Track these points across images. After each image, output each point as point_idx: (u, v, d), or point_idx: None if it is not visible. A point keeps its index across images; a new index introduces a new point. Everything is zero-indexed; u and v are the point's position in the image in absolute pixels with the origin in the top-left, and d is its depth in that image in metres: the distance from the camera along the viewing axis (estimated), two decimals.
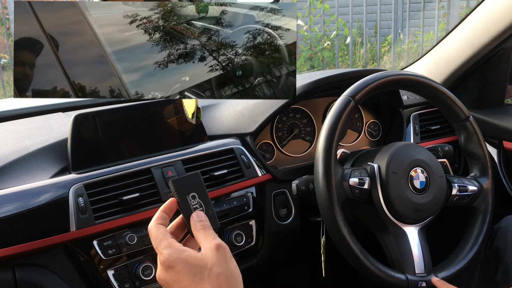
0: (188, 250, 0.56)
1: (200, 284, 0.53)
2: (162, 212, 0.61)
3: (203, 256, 0.55)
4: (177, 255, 0.55)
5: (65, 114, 1.19)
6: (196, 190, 0.62)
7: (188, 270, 0.54)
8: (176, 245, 0.57)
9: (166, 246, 0.56)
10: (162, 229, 0.59)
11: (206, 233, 0.58)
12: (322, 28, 4.45)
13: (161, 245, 0.57)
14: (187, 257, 0.55)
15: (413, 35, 5.08)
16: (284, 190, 1.13)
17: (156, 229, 0.59)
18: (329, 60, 4.56)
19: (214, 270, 0.53)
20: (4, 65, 4.89)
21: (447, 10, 4.39)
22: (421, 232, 0.95)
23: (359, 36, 5.37)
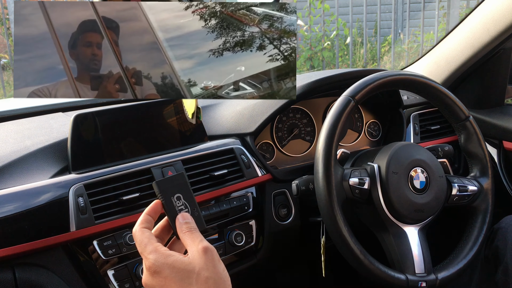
0: (175, 254, 0.55)
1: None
2: (146, 215, 0.60)
3: (190, 260, 0.53)
4: (163, 260, 0.54)
5: (65, 114, 1.19)
6: (181, 191, 0.61)
7: (176, 275, 0.52)
8: (162, 249, 0.55)
9: (151, 251, 0.55)
10: (147, 233, 0.57)
11: (192, 236, 0.56)
12: (322, 28, 4.45)
13: (146, 250, 0.55)
14: (173, 262, 0.53)
15: (413, 35, 5.08)
16: (284, 190, 1.13)
17: (140, 233, 0.57)
18: (329, 60, 4.55)
19: (202, 274, 0.52)
20: (4, 65, 4.89)
21: (447, 10, 4.38)
22: (421, 232, 0.95)
23: (359, 36, 5.37)
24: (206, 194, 0.99)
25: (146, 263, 0.55)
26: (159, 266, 0.53)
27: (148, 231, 0.58)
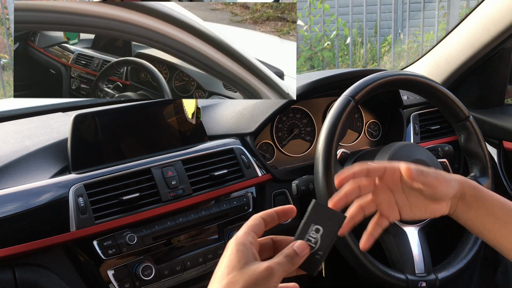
0: (248, 248, 0.51)
1: (223, 277, 0.49)
2: (275, 211, 0.56)
3: (251, 264, 0.50)
4: (235, 243, 0.51)
5: (65, 114, 1.19)
6: (326, 228, 0.53)
7: (228, 261, 0.50)
8: (247, 238, 0.52)
9: (240, 231, 0.53)
10: (256, 221, 0.54)
11: (282, 259, 0.51)
12: (322, 28, 4.45)
13: (241, 229, 0.53)
14: (238, 251, 0.50)
15: (413, 35, 5.08)
16: (284, 190, 1.13)
17: (252, 218, 0.55)
18: (329, 60, 4.56)
19: (238, 279, 0.49)
20: (4, 65, 4.89)
21: (447, 10, 4.38)
22: (421, 232, 0.96)
23: (359, 36, 5.37)
24: (206, 194, 0.99)
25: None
26: (230, 244, 0.52)
27: (260, 220, 0.55)
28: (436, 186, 0.62)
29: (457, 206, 0.65)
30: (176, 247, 0.96)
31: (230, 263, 0.50)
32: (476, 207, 0.64)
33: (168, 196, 0.94)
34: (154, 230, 0.92)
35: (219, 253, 1.00)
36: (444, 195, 0.63)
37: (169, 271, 0.94)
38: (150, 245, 0.92)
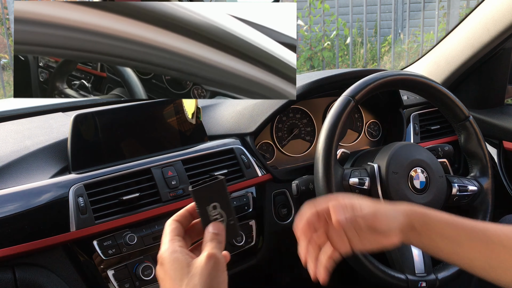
0: (182, 252, 0.53)
1: (183, 282, 0.50)
2: (186, 211, 0.59)
3: (193, 262, 0.52)
4: (168, 254, 0.53)
5: (65, 114, 1.19)
6: (218, 199, 0.57)
7: (173, 272, 0.52)
8: (175, 244, 0.54)
9: (165, 242, 0.55)
10: (174, 226, 0.56)
11: (211, 244, 0.54)
12: (322, 28, 4.45)
13: (163, 240, 0.56)
14: (175, 258, 0.52)
15: (413, 35, 5.08)
16: (284, 190, 1.13)
17: (168, 224, 0.57)
18: (329, 60, 4.55)
19: (193, 279, 0.50)
20: (4, 65, 4.89)
21: (447, 10, 4.38)
22: None
23: (359, 36, 5.37)
24: None
25: (158, 252, 0.55)
26: (164, 258, 0.53)
27: (177, 224, 0.57)
28: (376, 225, 0.63)
29: (408, 235, 0.65)
30: None
31: (176, 273, 0.51)
32: (428, 233, 0.65)
33: (168, 196, 0.94)
34: (154, 230, 0.92)
35: None
36: (387, 230, 0.64)
37: None
38: (150, 245, 0.92)
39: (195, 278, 0.50)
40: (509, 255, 0.63)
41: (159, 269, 0.54)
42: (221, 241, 0.55)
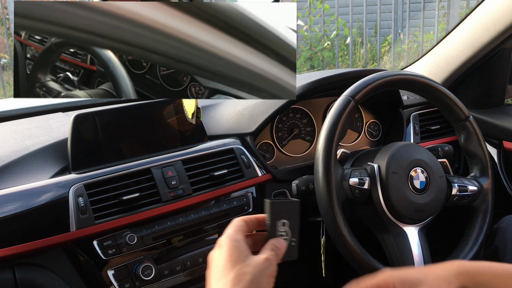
0: (242, 244, 0.56)
1: (229, 270, 0.53)
2: (255, 217, 0.61)
3: (250, 256, 0.55)
4: (230, 241, 0.56)
5: (65, 114, 1.19)
6: (289, 218, 0.60)
7: (229, 257, 0.54)
8: (238, 236, 0.57)
9: (229, 231, 0.58)
10: (240, 223, 0.59)
11: (270, 252, 0.57)
12: (322, 28, 4.45)
13: (227, 229, 0.58)
14: (235, 246, 0.55)
15: (413, 35, 5.08)
16: (284, 190, 1.13)
17: (236, 220, 0.60)
18: (329, 60, 4.55)
19: (245, 269, 0.53)
20: (4, 65, 4.89)
21: (447, 10, 4.38)
22: (421, 232, 0.95)
23: (359, 36, 5.37)
24: (206, 194, 0.99)
25: (220, 237, 0.58)
26: (224, 243, 0.56)
27: (244, 223, 0.60)
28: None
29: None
30: (176, 247, 0.96)
31: (232, 258, 0.54)
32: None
33: (168, 196, 0.94)
34: (154, 230, 0.92)
35: None
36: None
37: (169, 271, 0.94)
38: (150, 245, 0.92)
39: (247, 268, 0.53)
40: None
41: (215, 252, 0.57)
42: (279, 256, 0.58)
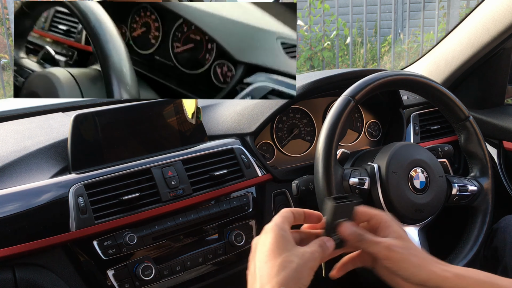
0: (289, 234, 0.58)
1: (276, 256, 0.55)
2: (303, 211, 0.63)
3: (296, 247, 0.57)
4: (277, 229, 0.57)
5: (65, 114, 1.19)
6: (348, 218, 0.62)
7: (275, 245, 0.56)
8: (285, 225, 0.59)
9: (277, 219, 0.59)
10: (288, 214, 0.61)
11: (319, 248, 0.58)
12: (322, 28, 4.45)
13: (275, 218, 0.60)
14: (282, 235, 0.57)
15: (413, 35, 5.08)
16: (284, 190, 1.13)
17: (284, 210, 0.61)
18: (329, 60, 4.55)
19: (291, 258, 0.55)
20: (4, 65, 4.89)
21: (447, 10, 4.38)
22: (421, 232, 0.95)
23: (359, 36, 5.37)
24: (206, 194, 0.99)
25: (267, 224, 0.60)
26: (271, 230, 0.57)
27: (291, 215, 0.61)
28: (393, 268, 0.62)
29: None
30: (176, 247, 0.96)
31: (279, 245, 0.56)
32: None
33: (168, 196, 0.94)
34: (154, 230, 0.92)
35: (219, 253, 1.00)
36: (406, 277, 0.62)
37: (169, 271, 0.94)
38: (150, 245, 0.92)
39: (293, 257, 0.54)
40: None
41: (260, 237, 0.58)
42: (325, 253, 0.59)
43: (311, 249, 0.57)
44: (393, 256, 0.61)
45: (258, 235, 0.60)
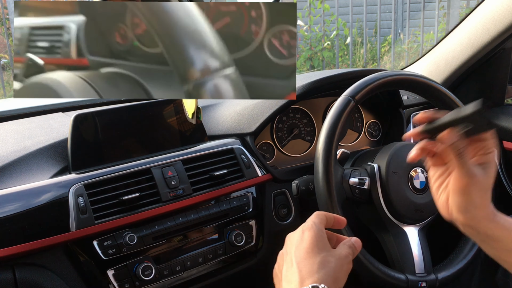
0: (325, 235, 0.60)
1: (316, 254, 0.57)
2: (334, 217, 0.65)
3: (333, 249, 0.59)
4: (316, 229, 0.60)
5: (65, 114, 1.19)
6: None
7: (314, 243, 0.58)
8: (322, 227, 0.61)
9: (315, 220, 0.62)
10: (323, 217, 0.63)
11: (350, 250, 0.61)
12: (322, 28, 4.45)
13: (312, 218, 0.62)
14: (321, 236, 0.59)
15: (413, 35, 5.08)
16: (284, 190, 1.13)
17: (321, 213, 0.64)
18: (329, 60, 4.56)
19: (329, 258, 0.57)
20: (4, 65, 4.89)
21: (447, 10, 4.38)
22: (421, 232, 0.96)
23: (359, 36, 5.37)
24: (206, 194, 0.99)
25: (304, 223, 0.62)
26: (310, 228, 0.60)
27: (325, 217, 0.64)
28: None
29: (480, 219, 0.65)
30: (176, 247, 0.96)
31: (318, 244, 0.58)
32: (494, 244, 0.66)
33: (168, 196, 0.94)
34: (154, 230, 0.92)
35: (219, 253, 1.00)
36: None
37: (169, 271, 0.94)
38: (150, 245, 0.92)
39: (331, 257, 0.57)
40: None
41: (296, 233, 0.61)
42: (354, 255, 0.61)
43: (345, 251, 0.59)
44: (475, 181, 0.63)
45: (293, 231, 0.62)
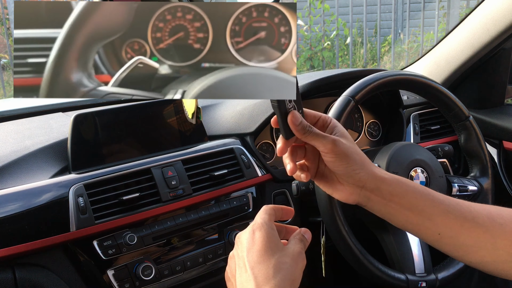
0: (276, 233, 0.58)
1: (269, 256, 0.55)
2: (281, 208, 0.64)
3: (285, 246, 0.58)
4: (267, 228, 0.58)
5: (65, 114, 1.19)
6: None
7: (266, 244, 0.56)
8: (272, 224, 0.59)
9: (264, 217, 0.59)
10: (271, 212, 0.61)
11: (301, 244, 0.59)
12: (322, 28, 4.45)
13: (261, 215, 0.60)
14: (272, 235, 0.57)
15: (413, 35, 5.08)
16: (284, 190, 1.13)
17: (268, 207, 0.62)
18: (329, 60, 4.56)
19: (284, 258, 0.55)
20: (4, 65, 4.89)
21: (447, 10, 4.39)
22: None
23: (359, 36, 5.37)
24: (206, 194, 0.99)
25: (253, 222, 0.60)
26: (261, 228, 0.58)
27: (273, 211, 0.62)
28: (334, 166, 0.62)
29: (369, 198, 0.63)
30: (176, 247, 0.96)
31: (270, 245, 0.56)
32: (397, 201, 0.62)
33: (168, 196, 0.94)
34: (154, 230, 0.92)
35: (219, 253, 1.00)
36: (344, 176, 0.62)
37: (169, 271, 0.94)
38: (150, 245, 0.92)
39: (286, 258, 0.55)
40: (482, 233, 0.61)
41: (246, 233, 0.58)
42: (306, 247, 0.60)
43: (298, 247, 0.58)
44: (337, 150, 0.61)
45: (242, 231, 0.60)
